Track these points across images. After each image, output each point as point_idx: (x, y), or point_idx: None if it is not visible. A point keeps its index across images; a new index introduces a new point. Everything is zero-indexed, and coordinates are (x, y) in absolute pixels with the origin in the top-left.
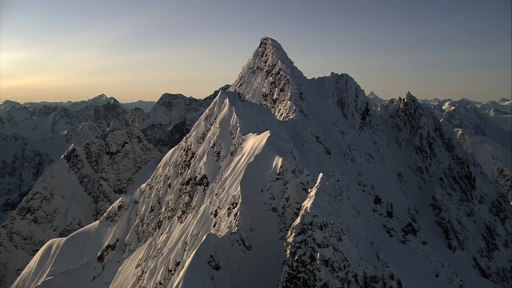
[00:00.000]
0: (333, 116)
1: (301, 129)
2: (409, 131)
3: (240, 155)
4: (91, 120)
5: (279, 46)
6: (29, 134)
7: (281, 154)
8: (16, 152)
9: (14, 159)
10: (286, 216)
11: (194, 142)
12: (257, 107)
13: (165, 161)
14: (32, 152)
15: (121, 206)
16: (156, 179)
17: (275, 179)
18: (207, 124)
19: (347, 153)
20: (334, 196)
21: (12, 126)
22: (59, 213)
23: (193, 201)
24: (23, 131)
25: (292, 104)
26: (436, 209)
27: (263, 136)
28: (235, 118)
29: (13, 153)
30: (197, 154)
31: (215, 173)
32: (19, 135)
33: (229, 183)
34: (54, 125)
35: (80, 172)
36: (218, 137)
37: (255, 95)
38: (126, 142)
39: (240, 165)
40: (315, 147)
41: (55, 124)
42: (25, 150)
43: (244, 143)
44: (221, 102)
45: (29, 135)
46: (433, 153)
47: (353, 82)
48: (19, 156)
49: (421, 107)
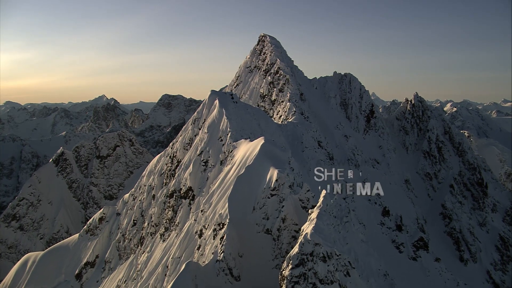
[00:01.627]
0: (335, 118)
1: (301, 134)
2: (416, 135)
3: (230, 165)
4: (91, 121)
5: (278, 43)
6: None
7: (277, 165)
8: (13, 154)
9: (11, 161)
10: (282, 240)
11: (180, 148)
12: (252, 109)
13: (150, 169)
14: (30, 154)
15: (102, 218)
16: (140, 189)
17: (269, 195)
18: (194, 129)
19: (351, 159)
20: (340, 217)
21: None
22: (46, 221)
23: (177, 216)
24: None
25: (291, 106)
26: (446, 219)
27: (256, 143)
28: (225, 122)
29: (10, 155)
30: (182, 163)
31: (202, 185)
32: (16, 136)
33: (217, 198)
34: (54, 126)
35: (69, 177)
36: (206, 143)
37: (252, 96)
38: (117, 146)
39: (229, 177)
40: (317, 153)
41: (55, 125)
42: (23, 152)
43: (235, 151)
44: (211, 103)
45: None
46: (443, 158)
47: (357, 82)
48: (17, 158)
49: (429, 109)
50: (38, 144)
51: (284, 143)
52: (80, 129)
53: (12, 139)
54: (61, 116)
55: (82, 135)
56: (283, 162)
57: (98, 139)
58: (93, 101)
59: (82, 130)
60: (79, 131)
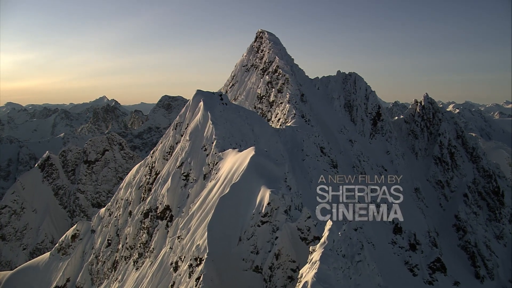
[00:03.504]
0: (339, 121)
1: (301, 139)
2: (427, 139)
3: (215, 181)
4: (90, 122)
5: (277, 40)
6: (29, 136)
7: (270, 183)
8: (11, 155)
9: (8, 163)
10: (274, 282)
11: (160, 158)
12: (245, 112)
13: (128, 180)
14: (27, 156)
15: (76, 235)
16: (116, 204)
17: (259, 222)
18: (176, 135)
19: (356, 166)
20: (351, 256)
21: (12, 128)
22: (30, 230)
23: (152, 241)
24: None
25: (291, 108)
26: (460, 231)
27: (245, 154)
28: (210, 128)
29: (8, 156)
30: (160, 176)
31: (182, 203)
32: (14, 138)
33: (196, 223)
34: (55, 127)
35: (55, 183)
36: (188, 153)
37: (248, 97)
38: (106, 150)
39: (212, 196)
40: (319, 161)
41: (55, 126)
42: (20, 153)
43: (221, 163)
44: (195, 105)
45: (29, 138)
46: (455, 164)
47: (363, 82)
48: (14, 160)
49: (440, 111)
50: (36, 146)
51: (282, 151)
52: (79, 131)
53: (10, 141)
54: (61, 117)
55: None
56: (278, 179)
57: (86, 143)
58: (94, 102)
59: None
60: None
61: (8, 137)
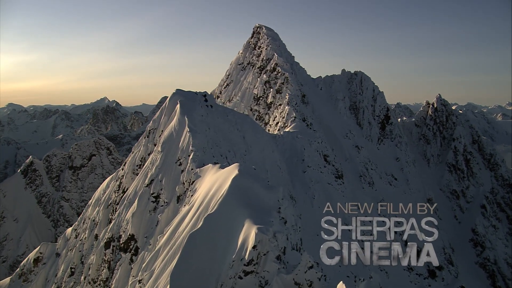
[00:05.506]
0: (344, 125)
1: (302, 147)
2: (440, 144)
3: (189, 206)
4: (90, 124)
5: (276, 35)
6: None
7: (258, 215)
8: (8, 157)
9: (6, 165)
10: None
11: (129, 172)
12: (235, 115)
13: (97, 196)
14: (24, 157)
15: (38, 259)
16: (83, 223)
17: (241, 272)
18: (148, 144)
19: (363, 175)
20: None
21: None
22: (10, 241)
23: (113, 279)
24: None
25: (291, 110)
26: (478, 247)
27: (226, 174)
28: (187, 137)
29: (5, 158)
30: (126, 195)
31: (150, 232)
32: (11, 139)
33: (161, 264)
34: (55, 128)
35: (39, 190)
36: (159, 168)
37: (244, 97)
38: (93, 155)
39: (183, 228)
40: (323, 173)
41: (55, 127)
42: (18, 155)
43: (198, 182)
44: (172, 108)
45: (29, 139)
46: (471, 172)
47: (370, 81)
48: (11, 162)
49: (454, 113)
50: (34, 148)
51: (279, 162)
52: (79, 132)
53: (7, 142)
54: (61, 118)
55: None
56: (269, 209)
57: (72, 147)
58: (94, 103)
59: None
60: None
61: (5, 139)
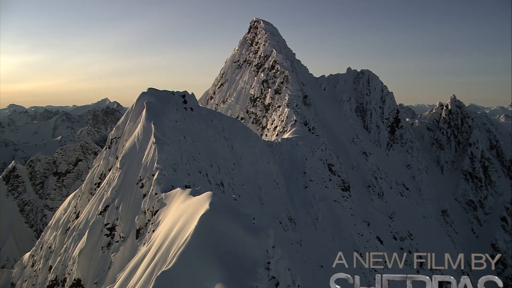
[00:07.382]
0: (350, 129)
1: (303, 158)
2: (454, 150)
3: (148, 246)
4: (90, 125)
5: (275, 30)
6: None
7: (233, 279)
8: (5, 159)
9: (3, 166)
10: None
11: (85, 191)
12: (221, 120)
13: (58, 216)
14: (22, 159)
15: None
16: (41, 249)
17: None
18: (109, 157)
19: (372, 185)
20: None
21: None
22: None
23: None
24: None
25: (291, 113)
26: (498, 264)
27: (195, 207)
28: (152, 150)
29: (2, 160)
30: (77, 224)
31: (101, 277)
32: (9, 141)
33: None
34: (55, 129)
35: (21, 197)
36: (117, 191)
37: (239, 98)
38: (79, 160)
39: (137, 279)
40: (328, 188)
41: (56, 128)
42: (15, 157)
43: (162, 212)
44: (138, 112)
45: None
46: (490, 180)
47: (378, 81)
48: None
49: (470, 116)
50: (33, 149)
51: (275, 176)
52: (79, 133)
53: (5, 144)
54: (62, 119)
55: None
56: (251, 267)
57: (56, 152)
58: (95, 104)
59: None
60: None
61: (3, 140)
